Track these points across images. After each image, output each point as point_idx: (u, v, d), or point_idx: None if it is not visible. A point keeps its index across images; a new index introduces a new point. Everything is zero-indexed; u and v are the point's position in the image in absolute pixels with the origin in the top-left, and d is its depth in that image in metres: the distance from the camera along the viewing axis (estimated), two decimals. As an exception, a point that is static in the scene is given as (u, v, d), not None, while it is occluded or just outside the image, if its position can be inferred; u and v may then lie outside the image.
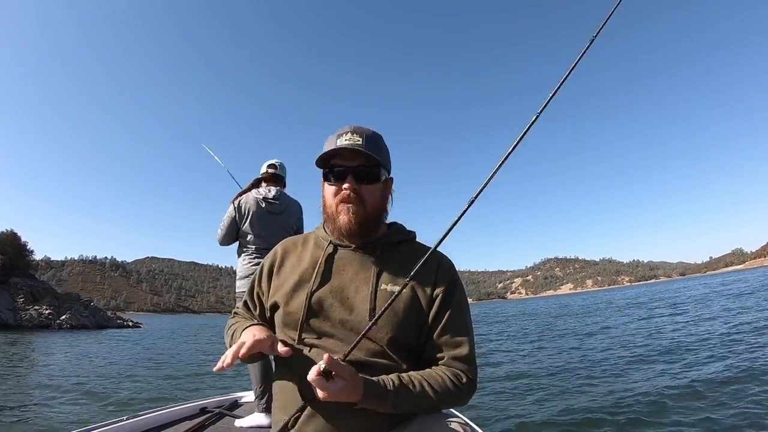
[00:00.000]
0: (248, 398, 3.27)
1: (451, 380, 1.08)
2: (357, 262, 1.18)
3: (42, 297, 40.23)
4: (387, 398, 1.00)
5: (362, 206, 1.15)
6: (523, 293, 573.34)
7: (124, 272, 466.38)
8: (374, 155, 1.14)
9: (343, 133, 1.16)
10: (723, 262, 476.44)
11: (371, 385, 0.99)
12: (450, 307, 1.15)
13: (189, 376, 10.79)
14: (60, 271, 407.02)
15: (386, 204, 1.24)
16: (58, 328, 36.00)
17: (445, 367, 1.11)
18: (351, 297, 1.13)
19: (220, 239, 3.22)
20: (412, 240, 1.28)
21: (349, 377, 0.94)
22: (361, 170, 1.15)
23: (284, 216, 3.23)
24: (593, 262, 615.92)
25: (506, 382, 7.91)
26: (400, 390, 1.02)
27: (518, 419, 5.52)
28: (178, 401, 3.56)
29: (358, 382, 0.96)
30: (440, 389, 1.06)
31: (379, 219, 1.21)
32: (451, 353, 1.12)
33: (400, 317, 1.10)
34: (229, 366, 1.01)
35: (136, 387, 9.09)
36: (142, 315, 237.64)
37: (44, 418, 6.39)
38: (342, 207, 1.15)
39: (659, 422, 4.88)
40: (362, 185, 1.15)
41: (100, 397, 7.94)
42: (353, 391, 0.95)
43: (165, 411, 2.66)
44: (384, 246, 1.21)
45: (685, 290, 43.41)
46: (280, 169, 3.39)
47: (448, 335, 1.13)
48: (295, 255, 1.26)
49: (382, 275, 1.15)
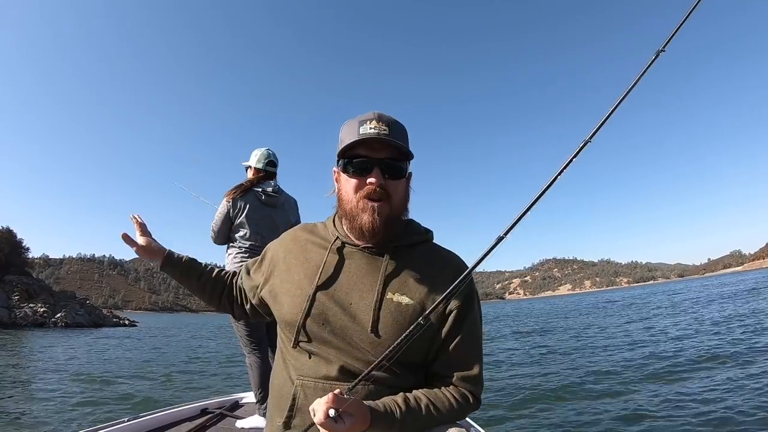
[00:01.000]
0: (249, 399, 3.24)
1: (457, 402, 1.02)
2: (365, 265, 1.07)
3: (37, 295, 40.17)
4: (394, 426, 0.94)
5: (388, 204, 1.03)
6: (522, 294, 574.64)
7: (123, 270, 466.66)
8: (404, 146, 1.03)
9: (366, 120, 1.03)
10: (721, 264, 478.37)
11: (379, 417, 0.92)
12: (464, 326, 1.05)
13: (184, 374, 10.70)
14: (58, 269, 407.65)
15: (408, 202, 1.12)
16: (53, 326, 36.00)
17: (453, 387, 1.04)
18: (354, 303, 1.02)
19: (214, 239, 3.02)
20: (428, 241, 1.15)
21: (356, 412, 0.87)
22: (389, 163, 1.03)
23: (282, 210, 3.08)
24: (591, 263, 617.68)
25: (506, 382, 7.78)
26: (406, 418, 0.95)
27: (518, 419, 5.44)
28: (178, 402, 3.54)
29: (365, 414, 0.90)
30: (446, 411, 1.00)
31: (401, 218, 1.11)
32: (460, 374, 1.04)
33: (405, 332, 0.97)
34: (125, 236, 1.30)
35: (131, 387, 8.91)
36: (140, 313, 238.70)
37: (42, 419, 6.19)
38: (365, 204, 1.03)
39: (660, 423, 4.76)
40: (389, 180, 1.03)
41: (97, 397, 7.80)
42: (361, 423, 0.89)
43: (166, 412, 2.66)
44: (396, 248, 1.08)
45: (687, 291, 43.39)
46: (277, 165, 3.17)
47: (460, 354, 1.04)
48: (302, 249, 1.16)
49: (390, 282, 1.04)
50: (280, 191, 3.08)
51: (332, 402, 0.82)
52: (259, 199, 2.97)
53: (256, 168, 3.08)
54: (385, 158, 1.03)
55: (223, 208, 2.94)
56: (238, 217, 2.93)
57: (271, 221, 2.99)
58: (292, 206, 3.18)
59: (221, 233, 2.99)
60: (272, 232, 2.91)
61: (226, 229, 2.98)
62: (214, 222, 2.98)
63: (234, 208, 2.93)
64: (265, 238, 2.89)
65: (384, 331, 0.98)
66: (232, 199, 2.93)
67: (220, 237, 3.01)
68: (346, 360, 0.99)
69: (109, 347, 19.68)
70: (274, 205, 3.03)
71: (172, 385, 9.28)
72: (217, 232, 2.99)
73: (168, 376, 10.43)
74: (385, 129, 1.01)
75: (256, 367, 2.81)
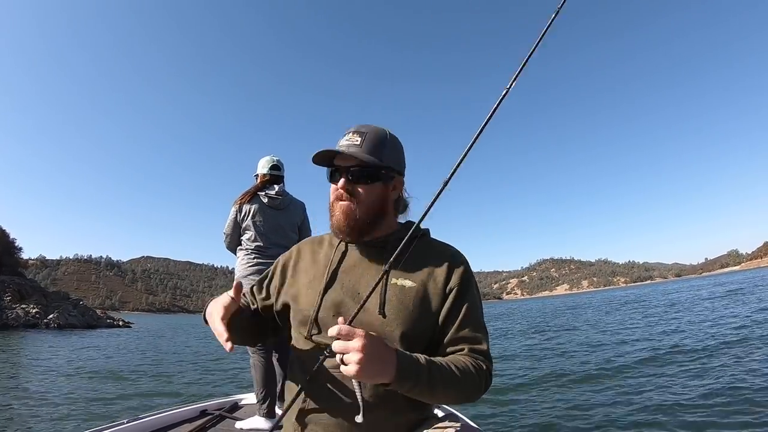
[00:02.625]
0: (248, 400, 3.25)
1: (474, 366, 1.04)
2: (369, 258, 1.18)
3: (30, 295, 39.63)
4: (421, 373, 0.94)
5: (355, 205, 1.14)
6: (519, 294, 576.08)
7: (120, 272, 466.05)
8: (366, 157, 1.12)
9: (345, 134, 1.17)
10: (719, 264, 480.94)
11: (405, 357, 0.94)
12: (465, 302, 1.12)
13: (177, 375, 10.62)
14: (55, 270, 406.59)
15: (387, 205, 1.20)
16: (45, 327, 35.38)
17: (467, 355, 1.07)
18: (362, 293, 1.10)
19: (228, 245, 3.17)
20: (424, 236, 1.22)
21: (376, 341, 0.90)
22: (355, 171, 1.14)
23: (287, 213, 3.17)
24: (589, 263, 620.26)
25: (506, 381, 7.76)
26: (432, 366, 0.97)
27: (518, 419, 5.39)
28: (177, 404, 3.57)
29: (388, 353, 0.91)
30: (465, 372, 1.01)
31: (378, 219, 1.18)
32: (470, 346, 1.08)
33: (410, 311, 1.07)
34: (232, 349, 1.02)
35: (124, 388, 8.76)
36: (137, 315, 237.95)
37: (39, 422, 6.04)
38: (336, 205, 1.16)
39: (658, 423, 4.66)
40: (356, 184, 1.14)
41: (92, 399, 7.65)
42: (386, 359, 0.90)
43: (165, 413, 2.65)
44: (395, 243, 1.13)
45: (686, 290, 43.29)
46: (282, 168, 3.30)
47: (466, 330, 1.09)
48: (311, 254, 1.27)
49: (393, 270, 1.11)
50: (284, 194, 3.16)
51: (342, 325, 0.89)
52: (264, 202, 3.07)
53: (261, 174, 3.22)
54: (352, 166, 1.13)
55: (231, 214, 3.09)
56: (245, 220, 3.06)
57: (275, 223, 3.09)
58: (297, 208, 3.25)
59: (233, 240, 3.13)
60: (277, 233, 3.07)
61: (236, 234, 3.11)
62: (225, 229, 3.13)
63: (241, 213, 3.07)
64: (270, 239, 3.04)
65: (390, 311, 1.06)
66: (239, 205, 3.08)
67: (233, 242, 3.14)
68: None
69: (101, 348, 19.40)
70: (279, 207, 3.12)
71: (169, 387, 9.12)
72: (230, 239, 3.13)
73: (159, 378, 10.26)
74: (357, 140, 1.13)
75: (259, 367, 2.84)
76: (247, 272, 2.98)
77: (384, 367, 0.89)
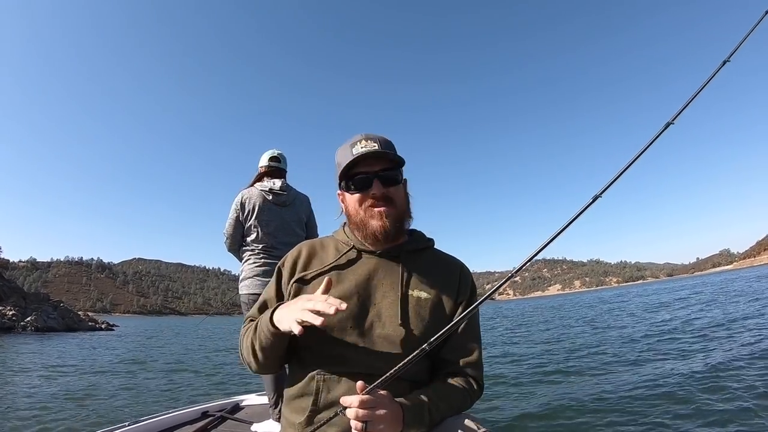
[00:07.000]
0: (249, 401, 3.25)
1: (466, 390, 1.12)
2: (383, 268, 1.17)
3: (7, 297, 38.46)
4: (423, 421, 1.00)
5: (393, 207, 1.14)
6: (511, 294, 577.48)
7: (111, 274, 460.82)
8: (396, 156, 1.15)
9: (356, 142, 1.14)
10: (710, 263, 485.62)
11: (410, 411, 0.98)
12: (471, 314, 1.15)
13: (160, 376, 10.39)
14: (46, 272, 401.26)
15: (409, 205, 1.21)
16: (22, 330, 34.19)
17: (460, 377, 1.14)
18: (378, 303, 1.11)
19: (228, 246, 2.97)
20: (431, 247, 1.26)
21: (387, 405, 0.92)
22: (385, 174, 1.14)
23: (293, 208, 2.99)
24: (581, 263, 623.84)
25: (505, 376, 7.60)
26: (432, 408, 1.03)
27: (516, 412, 5.40)
28: (178, 405, 3.56)
29: (396, 411, 0.95)
30: (458, 402, 1.10)
31: (405, 220, 1.19)
32: (464, 359, 1.15)
33: (427, 322, 1.10)
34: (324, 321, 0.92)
35: (111, 392, 8.44)
36: (128, 317, 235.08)
37: (35, 423, 5.80)
38: (372, 212, 1.13)
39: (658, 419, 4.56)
40: (388, 188, 1.14)
41: (86, 400, 7.49)
42: (394, 421, 0.93)
43: (166, 416, 2.63)
44: (407, 252, 1.19)
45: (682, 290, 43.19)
46: (282, 161, 3.11)
47: (463, 340, 1.16)
48: (318, 259, 1.22)
49: (409, 281, 1.15)
50: (288, 188, 2.99)
51: (362, 392, 0.88)
52: (267, 198, 2.89)
53: (261, 167, 3.05)
54: (380, 170, 1.13)
55: (232, 213, 2.89)
56: (248, 219, 2.87)
57: (281, 220, 2.91)
58: (303, 203, 3.08)
59: (234, 239, 2.93)
60: (284, 231, 2.89)
61: (238, 235, 2.92)
62: (225, 229, 2.93)
63: (243, 212, 2.87)
64: (278, 238, 2.88)
65: (411, 323, 1.08)
66: (240, 203, 2.88)
67: (234, 243, 2.95)
68: (368, 356, 1.05)
69: (79, 352, 18.76)
70: (284, 204, 2.94)
71: (167, 388, 8.91)
72: (231, 239, 2.93)
73: (146, 382, 9.91)
74: (375, 145, 1.12)
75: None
76: (254, 273, 2.82)
77: (393, 424, 0.92)
